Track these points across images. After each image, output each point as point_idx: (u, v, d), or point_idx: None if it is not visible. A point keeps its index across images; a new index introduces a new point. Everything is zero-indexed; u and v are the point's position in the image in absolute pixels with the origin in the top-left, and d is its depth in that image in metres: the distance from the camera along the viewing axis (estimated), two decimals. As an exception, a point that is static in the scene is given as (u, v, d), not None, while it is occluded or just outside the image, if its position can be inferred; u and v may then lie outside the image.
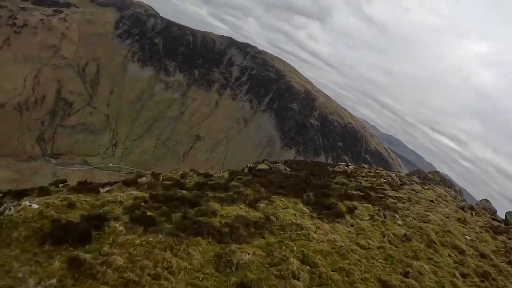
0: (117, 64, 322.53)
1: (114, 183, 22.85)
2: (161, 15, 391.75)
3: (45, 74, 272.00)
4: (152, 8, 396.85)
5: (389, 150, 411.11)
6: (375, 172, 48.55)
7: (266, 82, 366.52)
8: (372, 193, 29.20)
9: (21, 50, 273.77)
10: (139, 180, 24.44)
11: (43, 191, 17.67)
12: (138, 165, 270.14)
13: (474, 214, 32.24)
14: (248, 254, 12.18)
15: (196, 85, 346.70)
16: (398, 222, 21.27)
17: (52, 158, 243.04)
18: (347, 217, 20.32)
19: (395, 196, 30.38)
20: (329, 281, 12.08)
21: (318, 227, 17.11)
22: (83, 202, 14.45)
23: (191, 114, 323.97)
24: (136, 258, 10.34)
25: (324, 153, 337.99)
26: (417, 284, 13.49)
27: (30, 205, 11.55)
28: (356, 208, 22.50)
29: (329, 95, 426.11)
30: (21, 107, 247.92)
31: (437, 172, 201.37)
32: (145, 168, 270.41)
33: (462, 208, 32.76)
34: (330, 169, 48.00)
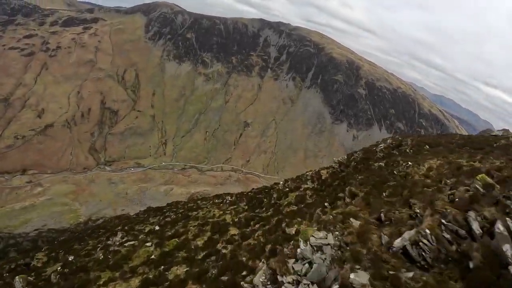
0: (154, 65, 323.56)
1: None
2: (188, 10, 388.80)
3: (87, 88, 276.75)
4: (177, 5, 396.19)
5: (443, 111, 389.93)
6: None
7: (306, 58, 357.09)
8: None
9: (59, 71, 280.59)
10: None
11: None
12: (190, 160, 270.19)
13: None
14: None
15: (236, 72, 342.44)
16: None
17: (106, 165, 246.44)
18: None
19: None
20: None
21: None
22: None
23: (235, 102, 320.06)
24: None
25: (377, 122, 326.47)
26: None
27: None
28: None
29: (372, 61, 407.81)
30: (69, 123, 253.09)
31: (507, 130, 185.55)
32: (198, 161, 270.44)
33: None
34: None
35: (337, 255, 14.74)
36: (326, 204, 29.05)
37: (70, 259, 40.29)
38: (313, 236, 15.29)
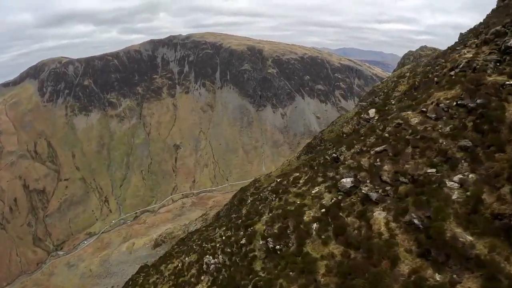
0: (62, 126, 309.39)
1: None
2: (77, 58, 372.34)
3: (3, 179, 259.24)
4: (64, 57, 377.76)
5: (352, 60, 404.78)
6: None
7: (208, 61, 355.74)
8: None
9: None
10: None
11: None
12: (138, 206, 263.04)
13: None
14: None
15: (147, 101, 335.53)
16: None
17: (58, 251, 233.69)
18: None
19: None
20: None
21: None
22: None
23: (157, 129, 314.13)
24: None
25: (297, 93, 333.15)
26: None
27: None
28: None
29: (272, 41, 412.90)
30: (1, 223, 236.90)
31: (423, 46, 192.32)
32: (146, 203, 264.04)
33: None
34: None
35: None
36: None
37: None
38: None
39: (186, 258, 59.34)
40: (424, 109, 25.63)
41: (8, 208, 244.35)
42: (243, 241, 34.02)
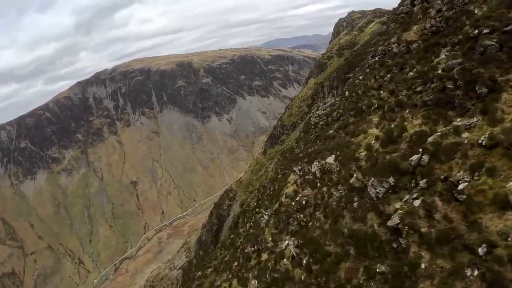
0: (11, 197, 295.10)
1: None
2: (7, 121, 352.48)
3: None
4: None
5: (281, 49, 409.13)
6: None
7: (141, 87, 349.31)
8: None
9: None
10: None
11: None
12: (115, 256, 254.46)
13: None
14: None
15: (90, 145, 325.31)
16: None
17: None
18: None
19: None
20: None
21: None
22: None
23: (109, 172, 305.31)
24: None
25: (238, 94, 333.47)
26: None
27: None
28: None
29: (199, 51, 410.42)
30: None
31: (351, 12, 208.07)
32: (122, 250, 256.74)
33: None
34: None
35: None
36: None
37: None
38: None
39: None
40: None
41: None
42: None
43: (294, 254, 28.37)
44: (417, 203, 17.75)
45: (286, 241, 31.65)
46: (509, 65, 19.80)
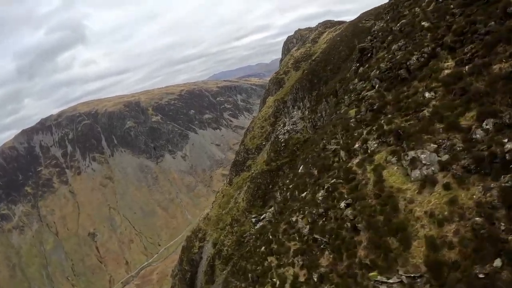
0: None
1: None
2: None
3: None
4: None
5: (228, 80, 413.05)
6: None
7: (89, 132, 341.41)
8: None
9: None
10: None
11: None
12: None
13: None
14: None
15: (40, 198, 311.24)
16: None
17: None
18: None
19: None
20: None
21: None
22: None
23: (64, 225, 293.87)
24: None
25: (189, 130, 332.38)
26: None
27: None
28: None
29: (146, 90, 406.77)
30: None
31: (298, 30, 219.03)
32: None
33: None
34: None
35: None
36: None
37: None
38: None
39: None
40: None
41: None
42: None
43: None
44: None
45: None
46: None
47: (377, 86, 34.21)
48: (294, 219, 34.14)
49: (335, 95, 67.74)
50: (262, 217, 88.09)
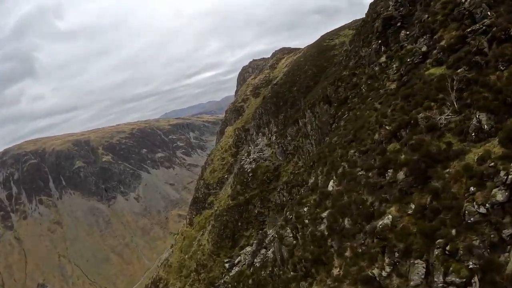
0: None
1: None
2: None
3: None
4: None
5: (180, 118, 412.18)
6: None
7: (35, 172, 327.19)
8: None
9: None
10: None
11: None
12: None
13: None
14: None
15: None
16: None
17: None
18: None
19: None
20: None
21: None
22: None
23: (10, 276, 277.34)
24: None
25: (142, 170, 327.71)
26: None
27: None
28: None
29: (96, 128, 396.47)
30: None
31: (252, 61, 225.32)
32: None
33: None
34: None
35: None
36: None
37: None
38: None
39: None
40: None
41: None
42: None
43: None
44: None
45: None
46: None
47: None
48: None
49: (327, 101, 63.06)
50: (237, 260, 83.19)
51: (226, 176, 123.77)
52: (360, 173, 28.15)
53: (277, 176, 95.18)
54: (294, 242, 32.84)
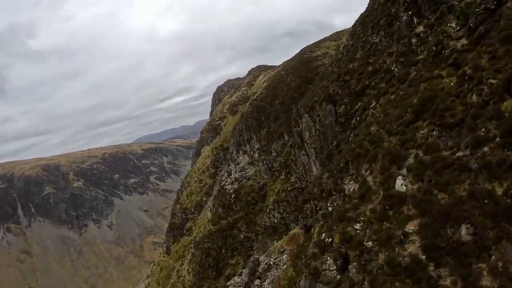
0: None
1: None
2: None
3: None
4: None
5: (153, 142, 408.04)
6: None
7: (4, 197, 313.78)
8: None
9: None
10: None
11: None
12: None
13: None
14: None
15: None
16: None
17: None
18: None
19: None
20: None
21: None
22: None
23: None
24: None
25: (115, 197, 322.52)
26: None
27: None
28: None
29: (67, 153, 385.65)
30: None
31: (228, 81, 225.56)
32: None
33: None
34: None
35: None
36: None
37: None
38: None
39: None
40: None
41: None
42: None
43: None
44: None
45: None
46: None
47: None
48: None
49: (330, 101, 54.64)
50: (226, 293, 73.45)
51: (204, 199, 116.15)
52: (457, 155, 21.43)
53: (263, 196, 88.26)
54: (339, 277, 24.10)
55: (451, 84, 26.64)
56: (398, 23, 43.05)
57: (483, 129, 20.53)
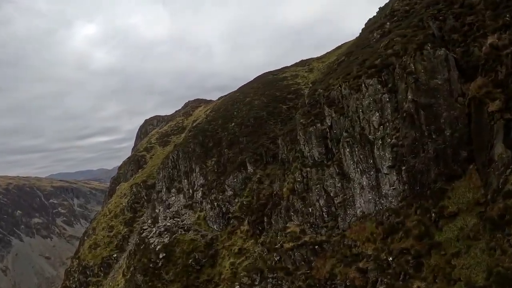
0: None
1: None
2: None
3: None
4: None
5: (66, 180, 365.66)
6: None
7: None
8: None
9: None
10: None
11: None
12: None
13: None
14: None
15: None
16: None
17: None
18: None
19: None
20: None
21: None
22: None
23: None
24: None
25: (13, 236, 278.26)
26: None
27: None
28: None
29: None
30: None
31: (163, 116, 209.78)
32: None
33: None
34: None
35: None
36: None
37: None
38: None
39: None
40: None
41: None
42: None
43: None
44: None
45: None
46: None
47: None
48: None
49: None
50: None
51: (115, 255, 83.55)
52: None
53: (212, 258, 56.08)
54: None
55: None
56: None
57: None
